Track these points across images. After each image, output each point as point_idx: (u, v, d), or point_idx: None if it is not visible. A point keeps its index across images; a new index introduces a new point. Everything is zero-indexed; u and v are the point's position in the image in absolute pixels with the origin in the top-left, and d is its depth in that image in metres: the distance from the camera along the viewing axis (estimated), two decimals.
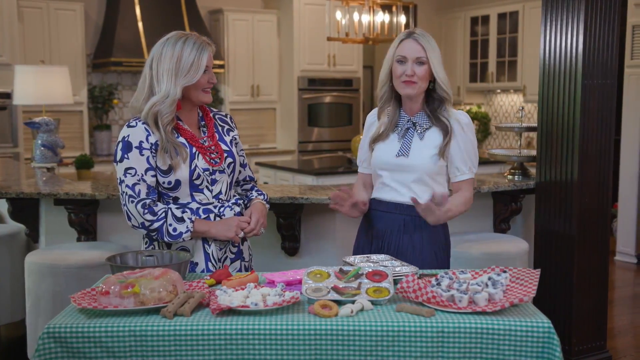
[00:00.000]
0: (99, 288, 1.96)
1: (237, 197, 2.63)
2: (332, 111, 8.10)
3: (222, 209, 2.50)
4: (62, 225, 3.59)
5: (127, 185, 2.40)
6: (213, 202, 2.50)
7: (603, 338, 3.72)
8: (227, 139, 2.59)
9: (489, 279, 2.01)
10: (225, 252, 2.54)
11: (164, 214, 2.42)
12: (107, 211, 3.61)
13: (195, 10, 7.33)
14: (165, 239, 2.42)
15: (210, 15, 7.77)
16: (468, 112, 8.67)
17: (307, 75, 7.83)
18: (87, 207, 3.51)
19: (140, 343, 1.83)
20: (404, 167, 2.59)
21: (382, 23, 6.14)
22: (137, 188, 2.39)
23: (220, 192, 2.52)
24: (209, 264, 2.50)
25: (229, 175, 2.55)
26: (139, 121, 2.43)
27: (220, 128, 2.60)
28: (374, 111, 2.76)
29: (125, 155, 2.40)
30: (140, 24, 6.96)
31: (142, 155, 2.40)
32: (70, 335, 1.83)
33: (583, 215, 3.53)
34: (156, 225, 2.41)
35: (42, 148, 4.71)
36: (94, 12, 7.17)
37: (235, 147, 2.62)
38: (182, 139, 2.47)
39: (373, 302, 1.98)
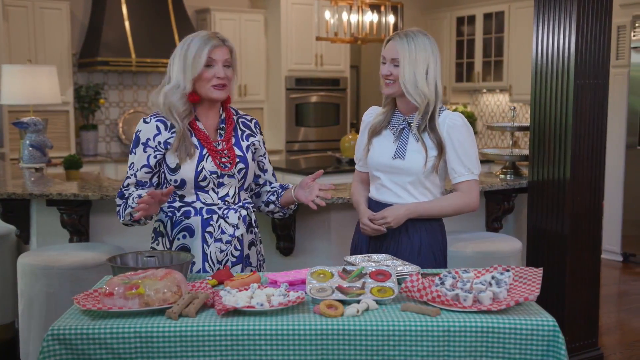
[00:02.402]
0: (102, 289, 1.95)
1: (247, 200, 2.62)
2: (319, 111, 8.10)
3: (226, 211, 2.51)
4: (53, 226, 3.56)
5: (126, 178, 2.51)
6: (218, 204, 2.52)
7: (595, 335, 3.75)
8: (244, 144, 2.57)
9: (493, 277, 2.03)
10: (226, 255, 2.53)
11: (127, 195, 2.48)
12: (100, 212, 3.58)
13: (183, 9, 7.30)
14: (121, 219, 2.49)
15: (197, 15, 7.73)
16: (454, 111, 8.70)
17: (295, 75, 7.82)
18: (80, 208, 3.48)
19: (146, 344, 1.82)
20: (400, 169, 2.60)
21: (371, 23, 6.15)
22: (126, 182, 2.50)
23: (227, 195, 2.53)
24: (206, 264, 2.51)
25: (238, 181, 2.55)
26: (154, 117, 2.48)
27: (240, 132, 2.60)
28: (371, 110, 2.78)
29: (133, 150, 2.50)
30: (127, 23, 6.91)
31: (145, 152, 2.48)
32: (74, 337, 1.82)
33: (575, 214, 3.56)
34: (119, 206, 2.49)
35: (30, 148, 4.65)
36: (79, 11, 7.11)
37: (254, 152, 2.61)
38: (194, 139, 2.49)
39: (378, 302, 1.98)
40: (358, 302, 1.96)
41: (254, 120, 2.67)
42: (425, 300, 1.95)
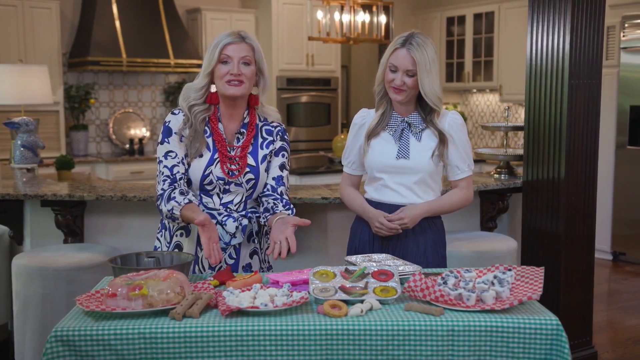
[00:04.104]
0: (105, 290, 1.94)
1: (253, 209, 2.56)
2: (310, 111, 8.10)
3: (225, 218, 2.46)
4: (47, 226, 3.54)
5: (165, 166, 2.43)
6: (219, 209, 2.48)
7: (589, 334, 3.78)
8: (262, 153, 2.51)
9: (495, 277, 2.03)
10: (220, 262, 2.49)
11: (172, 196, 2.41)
12: (95, 212, 3.56)
13: (173, 9, 7.27)
14: (162, 205, 2.39)
15: (188, 15, 7.71)
16: (450, 110, 8.72)
17: (286, 75, 7.81)
18: (75, 209, 3.46)
19: (150, 345, 1.81)
20: (406, 169, 2.61)
21: (363, 23, 6.16)
22: (175, 169, 2.42)
23: (230, 202, 2.49)
24: (196, 267, 2.51)
25: (247, 190, 2.49)
26: (181, 112, 2.48)
27: (260, 140, 2.53)
28: (362, 113, 2.77)
29: (166, 140, 2.45)
30: (117, 23, 6.87)
31: (182, 142, 2.45)
32: (78, 338, 1.80)
33: (570, 213, 3.58)
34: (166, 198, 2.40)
35: (22, 149, 4.61)
36: (69, 10, 7.06)
37: (269, 162, 2.53)
38: (210, 140, 2.47)
39: (381, 302, 1.98)
40: (361, 302, 1.96)
41: (277, 128, 2.57)
42: (429, 300, 1.96)
